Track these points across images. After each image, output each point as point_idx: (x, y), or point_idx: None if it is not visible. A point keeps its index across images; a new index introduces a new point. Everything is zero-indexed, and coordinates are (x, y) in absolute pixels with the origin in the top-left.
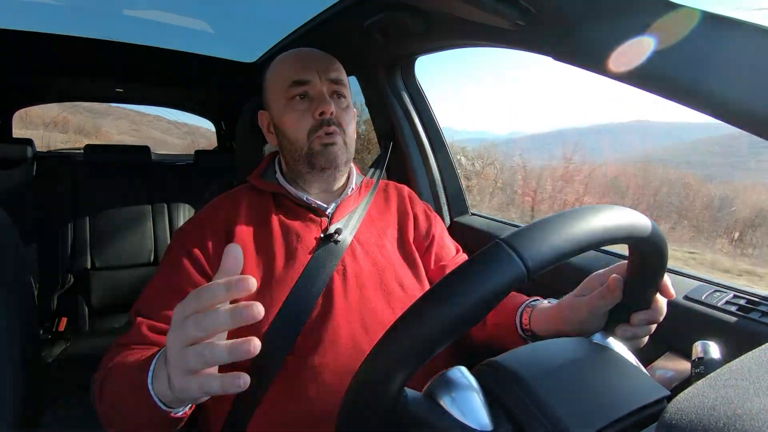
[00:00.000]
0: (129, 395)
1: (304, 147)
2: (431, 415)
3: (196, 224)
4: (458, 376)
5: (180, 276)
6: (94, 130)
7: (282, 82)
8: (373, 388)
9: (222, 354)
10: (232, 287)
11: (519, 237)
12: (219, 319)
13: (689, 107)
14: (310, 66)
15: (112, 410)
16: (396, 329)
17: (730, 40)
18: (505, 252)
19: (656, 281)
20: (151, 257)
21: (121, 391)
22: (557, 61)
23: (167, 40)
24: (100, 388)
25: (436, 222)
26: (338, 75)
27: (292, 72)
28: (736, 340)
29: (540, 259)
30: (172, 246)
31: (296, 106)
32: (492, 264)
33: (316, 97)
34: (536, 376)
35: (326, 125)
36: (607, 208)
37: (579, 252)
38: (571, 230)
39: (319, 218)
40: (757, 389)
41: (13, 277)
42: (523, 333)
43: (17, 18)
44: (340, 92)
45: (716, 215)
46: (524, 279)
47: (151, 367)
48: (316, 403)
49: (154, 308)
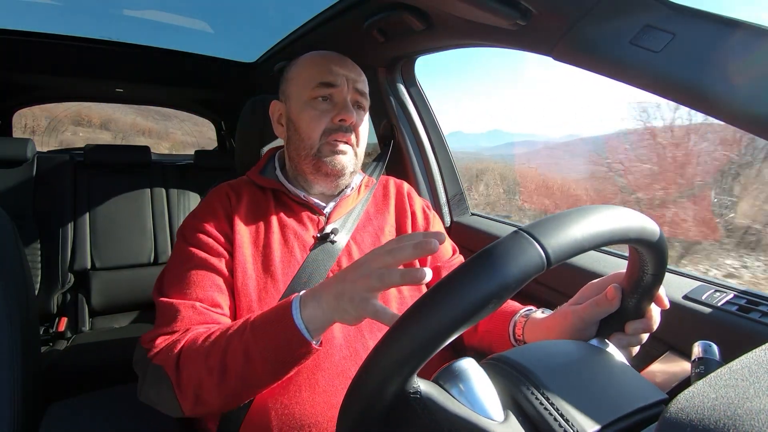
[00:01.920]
0: (265, 338)
1: (314, 147)
2: (443, 403)
3: (207, 209)
4: (467, 366)
5: (209, 258)
6: (165, 134)
7: (309, 79)
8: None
9: (396, 277)
10: (419, 247)
11: (539, 227)
12: (395, 277)
13: (689, 107)
14: (341, 72)
15: (225, 378)
16: (411, 316)
17: (731, 41)
18: (526, 240)
19: (653, 290)
20: (151, 257)
21: (252, 341)
22: (557, 61)
23: (167, 40)
24: (182, 371)
25: (435, 220)
26: (364, 87)
27: (322, 72)
28: (736, 340)
29: (560, 250)
30: (187, 230)
31: (318, 106)
32: (513, 252)
33: (340, 103)
34: (544, 371)
35: (343, 132)
36: (620, 208)
37: (595, 246)
38: (589, 224)
39: (317, 217)
40: (757, 389)
41: (14, 276)
42: (515, 342)
43: (17, 18)
44: (362, 104)
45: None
46: (544, 268)
47: (295, 306)
48: (310, 405)
49: (194, 289)
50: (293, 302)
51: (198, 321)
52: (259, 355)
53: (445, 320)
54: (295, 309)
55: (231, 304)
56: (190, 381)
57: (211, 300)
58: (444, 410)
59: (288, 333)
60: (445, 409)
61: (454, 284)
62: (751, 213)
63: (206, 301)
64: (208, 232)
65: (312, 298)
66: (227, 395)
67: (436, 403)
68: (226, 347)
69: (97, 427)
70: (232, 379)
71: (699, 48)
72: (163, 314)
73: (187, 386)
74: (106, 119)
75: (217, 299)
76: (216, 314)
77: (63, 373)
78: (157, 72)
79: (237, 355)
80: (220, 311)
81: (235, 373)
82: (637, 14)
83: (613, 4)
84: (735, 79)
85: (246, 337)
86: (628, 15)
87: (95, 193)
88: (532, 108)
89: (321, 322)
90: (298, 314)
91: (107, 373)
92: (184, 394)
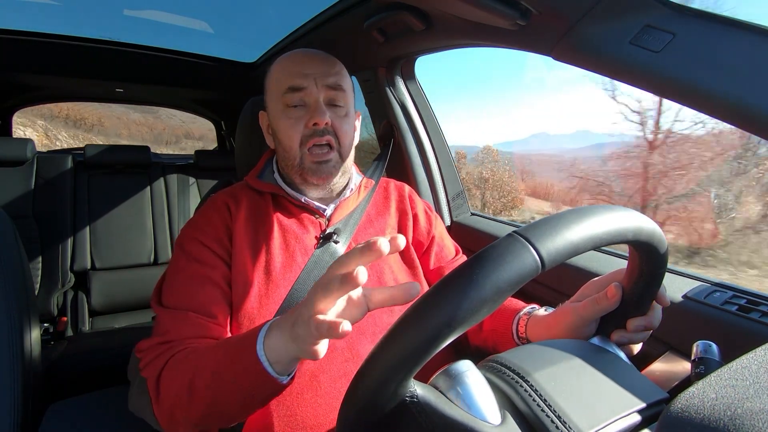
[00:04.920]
0: (230, 372)
1: (296, 157)
2: (440, 407)
3: (205, 218)
4: (464, 369)
5: (206, 268)
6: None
7: (278, 88)
8: (380, 381)
9: (336, 283)
10: (366, 250)
11: (534, 229)
12: (335, 283)
13: (689, 107)
14: (307, 72)
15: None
16: (407, 320)
17: (730, 40)
18: (521, 243)
19: (655, 287)
20: (151, 257)
21: (219, 369)
22: (557, 61)
23: (167, 40)
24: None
25: (437, 222)
26: (336, 80)
27: (288, 77)
28: (736, 340)
29: (555, 252)
30: (185, 239)
31: (291, 114)
32: (507, 256)
33: (311, 106)
34: (541, 373)
35: (319, 135)
36: (617, 208)
37: (591, 248)
38: (584, 225)
39: (317, 219)
40: (757, 389)
41: (14, 277)
42: (518, 340)
43: (17, 18)
44: (338, 99)
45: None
46: (538, 271)
47: (261, 335)
48: (312, 407)
49: (188, 300)
50: (261, 330)
51: (191, 333)
52: (226, 383)
53: (440, 325)
54: (260, 337)
55: (228, 315)
56: (168, 398)
57: (206, 311)
58: (440, 414)
59: (249, 363)
60: (441, 413)
61: (447, 289)
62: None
63: (201, 312)
64: (205, 243)
65: (276, 326)
66: (198, 419)
67: (432, 407)
68: (197, 370)
69: (97, 427)
70: (201, 405)
71: (699, 48)
72: (157, 324)
73: (164, 403)
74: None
75: (213, 310)
76: (211, 325)
77: (63, 373)
78: (156, 72)
79: (206, 378)
80: (216, 322)
81: (204, 398)
82: (637, 14)
83: (613, 4)
84: (735, 78)
85: (215, 362)
86: (628, 15)
87: (95, 193)
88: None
89: (284, 353)
90: (261, 343)
91: (107, 373)
92: (161, 410)
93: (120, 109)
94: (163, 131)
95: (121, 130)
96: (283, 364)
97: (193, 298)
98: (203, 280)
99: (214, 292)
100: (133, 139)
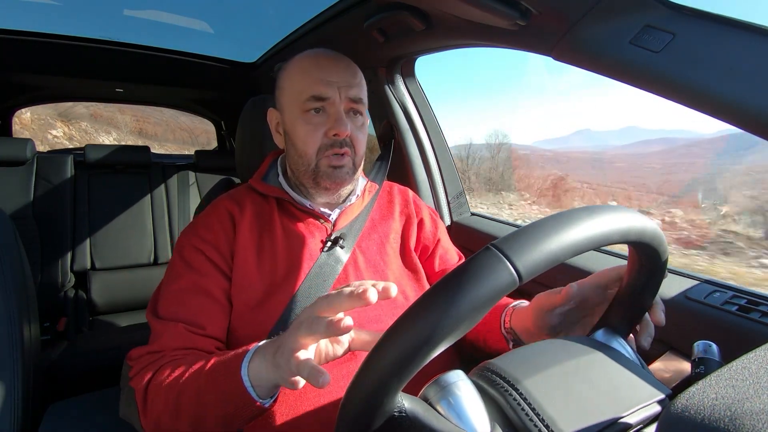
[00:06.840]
0: (214, 392)
1: (311, 163)
2: (429, 420)
3: (206, 226)
4: (455, 379)
5: (202, 278)
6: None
7: (299, 92)
8: (366, 399)
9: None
10: (353, 296)
11: (511, 242)
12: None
13: (689, 107)
14: (332, 79)
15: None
16: (388, 338)
17: (730, 40)
18: (497, 257)
19: (654, 285)
20: (151, 258)
21: (204, 387)
22: (557, 61)
23: (167, 40)
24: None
25: (441, 226)
26: (358, 93)
27: (311, 83)
28: (736, 340)
29: (532, 265)
30: (184, 246)
31: (311, 120)
32: (483, 271)
33: (333, 116)
34: (532, 379)
35: (338, 146)
36: (601, 209)
37: (572, 255)
38: (563, 234)
39: (322, 224)
40: (757, 389)
41: (14, 277)
42: (505, 332)
43: (17, 18)
44: (358, 110)
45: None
46: (515, 285)
47: (246, 359)
48: (314, 412)
49: (185, 312)
50: (246, 354)
51: (179, 344)
52: (210, 403)
53: (419, 342)
54: (245, 361)
55: (220, 325)
56: (154, 412)
57: (197, 322)
58: (429, 428)
59: (233, 386)
60: (430, 427)
61: (421, 309)
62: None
63: (192, 323)
64: (204, 252)
65: (261, 351)
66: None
67: (421, 421)
68: (183, 387)
69: (97, 427)
70: (185, 420)
71: (699, 48)
72: (150, 333)
73: (150, 415)
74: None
75: (204, 321)
76: (200, 337)
77: (63, 373)
78: (156, 72)
79: (190, 396)
80: (205, 333)
81: (189, 416)
82: (637, 14)
83: (613, 4)
84: (735, 78)
85: (200, 381)
86: (628, 15)
87: (95, 193)
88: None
89: (264, 379)
90: (246, 367)
91: (107, 373)
92: (147, 422)
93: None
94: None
95: (168, 135)
96: (263, 389)
97: (185, 308)
98: (197, 291)
99: (208, 302)
100: (177, 142)
